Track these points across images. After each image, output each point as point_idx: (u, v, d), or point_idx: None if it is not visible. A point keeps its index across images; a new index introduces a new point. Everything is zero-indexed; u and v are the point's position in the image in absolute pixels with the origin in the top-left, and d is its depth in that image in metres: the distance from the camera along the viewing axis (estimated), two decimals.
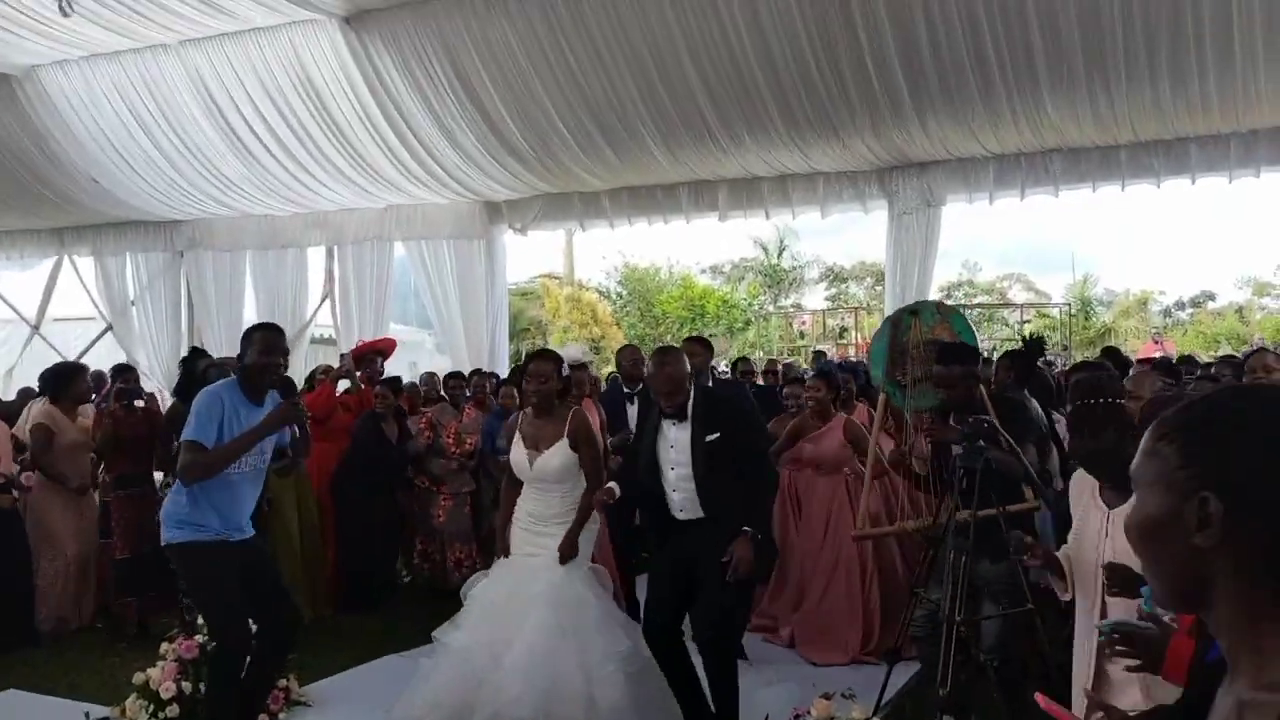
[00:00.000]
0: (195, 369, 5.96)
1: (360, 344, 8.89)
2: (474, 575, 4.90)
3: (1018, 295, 27.17)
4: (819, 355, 13.01)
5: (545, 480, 4.58)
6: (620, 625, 4.43)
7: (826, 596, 5.74)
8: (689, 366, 4.46)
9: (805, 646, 5.78)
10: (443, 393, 7.96)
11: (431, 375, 9.08)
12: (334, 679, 5.45)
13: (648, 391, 4.81)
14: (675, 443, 4.34)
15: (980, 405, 4.21)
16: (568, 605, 4.36)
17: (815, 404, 5.88)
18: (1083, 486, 3.00)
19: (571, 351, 5.67)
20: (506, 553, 4.66)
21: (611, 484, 4.48)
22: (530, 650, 4.22)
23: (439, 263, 11.74)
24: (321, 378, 7.54)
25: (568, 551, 4.44)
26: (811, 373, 7.12)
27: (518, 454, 4.65)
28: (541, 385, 4.59)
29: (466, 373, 8.37)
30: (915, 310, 4.93)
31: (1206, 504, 0.98)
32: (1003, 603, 4.08)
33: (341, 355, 8.63)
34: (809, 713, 3.60)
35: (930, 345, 4.64)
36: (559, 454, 4.54)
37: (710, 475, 4.25)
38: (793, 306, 27.72)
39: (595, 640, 4.30)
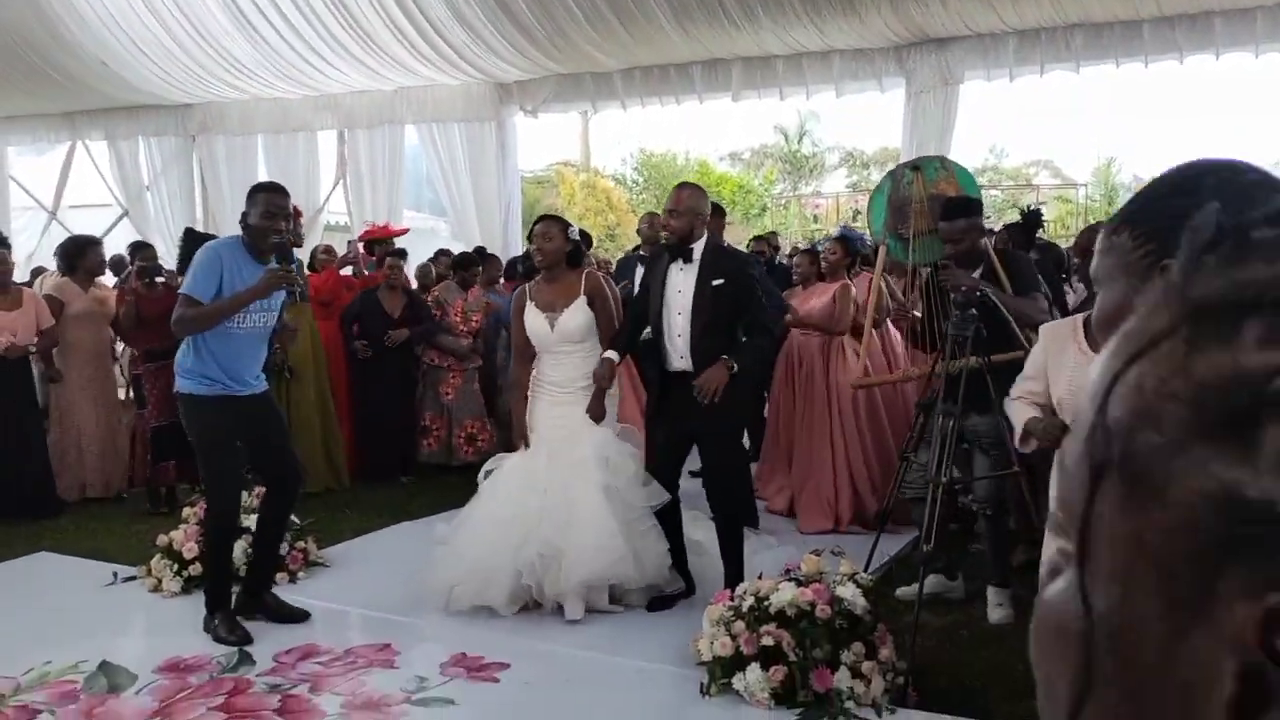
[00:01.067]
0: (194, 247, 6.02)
1: (371, 226, 8.93)
2: (494, 456, 4.92)
3: (1045, 182, 26.68)
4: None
5: (568, 341, 4.54)
6: (650, 483, 4.48)
7: (816, 461, 5.80)
8: (706, 210, 4.50)
9: (799, 514, 5.88)
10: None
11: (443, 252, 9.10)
12: (350, 543, 5.70)
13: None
14: (682, 287, 4.38)
15: (985, 257, 4.24)
16: (611, 465, 4.45)
17: (829, 265, 5.96)
18: (1062, 340, 2.90)
19: None
20: (527, 443, 4.62)
21: (609, 353, 4.50)
22: (589, 513, 4.31)
23: (450, 146, 11.64)
24: (324, 258, 7.59)
25: (598, 413, 4.49)
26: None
27: (534, 320, 4.57)
28: (547, 243, 4.58)
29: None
30: (917, 165, 4.90)
31: (1168, 271, 1.00)
32: (992, 454, 4.18)
33: (349, 242, 8.67)
34: (799, 567, 3.74)
35: (935, 200, 4.62)
36: (578, 312, 4.52)
37: (710, 319, 4.29)
38: (813, 193, 27.36)
39: (636, 499, 4.41)
